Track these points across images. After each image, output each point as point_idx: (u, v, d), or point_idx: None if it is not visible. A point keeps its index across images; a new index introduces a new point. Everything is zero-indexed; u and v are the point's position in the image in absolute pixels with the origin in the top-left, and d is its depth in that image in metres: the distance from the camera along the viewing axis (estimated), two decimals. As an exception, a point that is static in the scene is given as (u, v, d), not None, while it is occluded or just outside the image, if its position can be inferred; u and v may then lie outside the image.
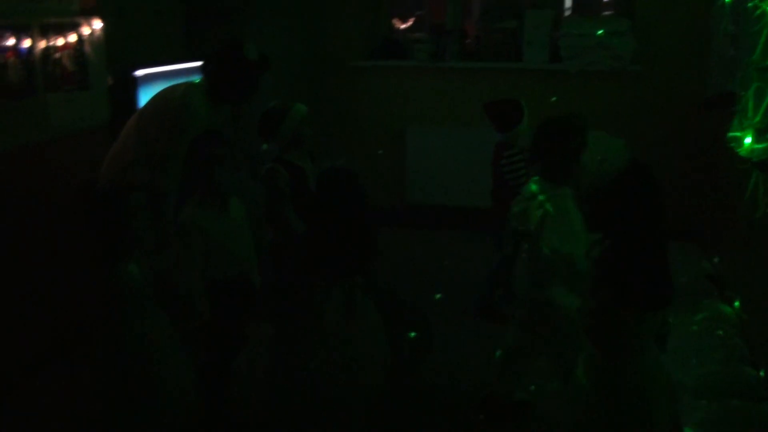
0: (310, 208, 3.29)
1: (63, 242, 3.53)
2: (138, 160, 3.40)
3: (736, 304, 3.98)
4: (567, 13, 6.25)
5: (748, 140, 3.43)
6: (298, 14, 5.70)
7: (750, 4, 3.53)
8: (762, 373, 3.38)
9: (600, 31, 5.19)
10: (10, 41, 3.29)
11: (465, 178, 5.66)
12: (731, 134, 3.66)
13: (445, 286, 4.60)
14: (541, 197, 2.90)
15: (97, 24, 3.86)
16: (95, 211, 2.49)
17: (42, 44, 3.48)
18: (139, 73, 4.29)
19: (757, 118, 3.33)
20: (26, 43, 3.38)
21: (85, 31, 3.78)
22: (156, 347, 2.64)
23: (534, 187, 2.96)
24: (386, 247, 4.98)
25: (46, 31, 3.51)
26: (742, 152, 3.50)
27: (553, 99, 5.47)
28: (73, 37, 3.68)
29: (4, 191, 3.39)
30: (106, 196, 2.51)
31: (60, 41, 3.60)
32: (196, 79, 3.38)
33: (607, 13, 6.21)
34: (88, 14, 3.82)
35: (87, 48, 3.80)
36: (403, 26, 7.08)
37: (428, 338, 3.88)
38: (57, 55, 3.61)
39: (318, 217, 2.97)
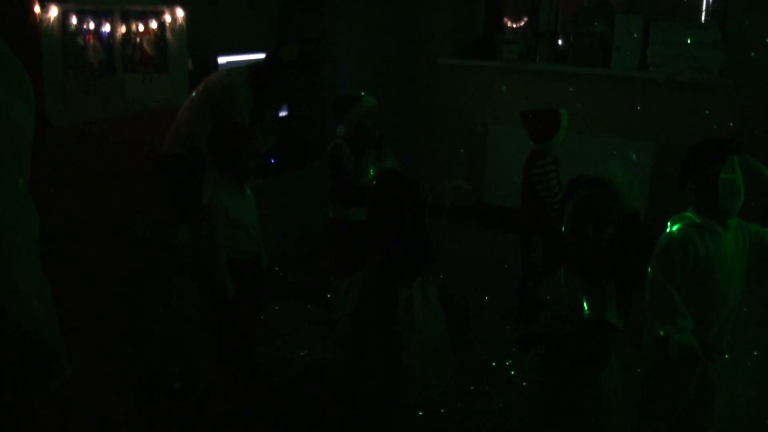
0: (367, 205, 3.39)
1: (128, 207, 3.86)
2: (189, 136, 3.69)
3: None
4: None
5: None
6: (392, 8, 5.84)
7: None
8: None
9: (689, 40, 4.97)
10: (91, 25, 3.65)
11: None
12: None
13: (503, 288, 4.62)
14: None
15: (180, 12, 4.17)
16: (160, 178, 2.84)
17: (122, 29, 3.82)
18: (221, 60, 4.60)
19: None
20: (106, 27, 3.73)
21: (168, 18, 4.09)
22: (181, 316, 2.90)
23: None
24: (455, 244, 5.09)
25: (127, 17, 3.85)
26: None
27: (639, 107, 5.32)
28: (154, 24, 4.01)
29: (80, 157, 3.76)
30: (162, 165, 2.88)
31: (141, 27, 3.93)
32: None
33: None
34: (173, 2, 4.13)
35: (168, 34, 4.11)
36: (515, 26, 7.02)
37: (465, 335, 3.95)
38: (137, 39, 3.94)
39: (376, 218, 3.00)
